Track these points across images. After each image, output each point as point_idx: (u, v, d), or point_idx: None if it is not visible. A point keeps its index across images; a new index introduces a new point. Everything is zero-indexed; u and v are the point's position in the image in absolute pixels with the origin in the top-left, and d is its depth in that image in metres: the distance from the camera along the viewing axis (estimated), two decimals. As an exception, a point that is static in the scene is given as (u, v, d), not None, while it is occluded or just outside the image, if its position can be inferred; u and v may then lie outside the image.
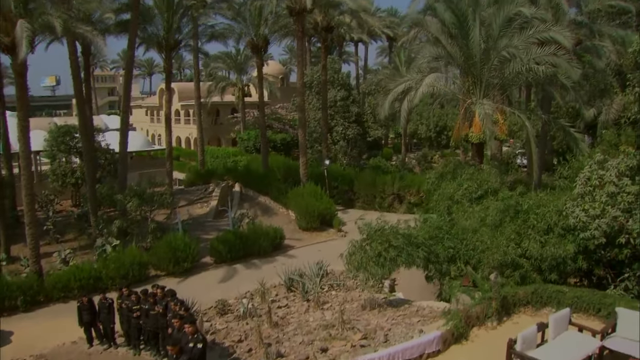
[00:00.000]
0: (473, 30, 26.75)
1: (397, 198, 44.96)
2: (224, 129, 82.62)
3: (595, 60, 35.42)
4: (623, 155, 19.25)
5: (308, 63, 72.41)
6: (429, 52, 29.55)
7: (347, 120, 57.18)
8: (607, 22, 38.82)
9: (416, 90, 27.13)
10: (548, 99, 33.39)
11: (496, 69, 27.35)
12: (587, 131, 42.67)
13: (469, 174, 25.83)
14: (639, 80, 20.91)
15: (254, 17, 46.98)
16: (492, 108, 25.98)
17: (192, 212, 42.87)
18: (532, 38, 26.59)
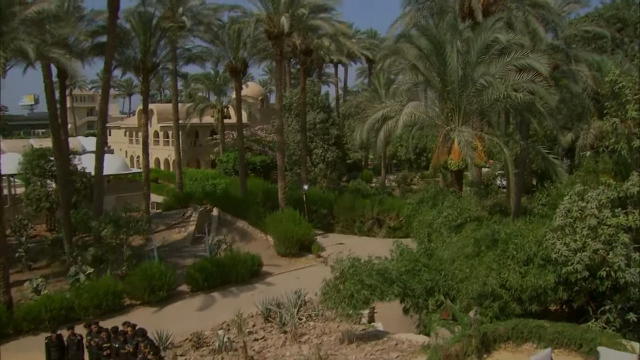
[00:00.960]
0: (450, 57, 26.70)
1: (377, 222, 44.68)
2: (203, 150, 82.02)
3: (572, 85, 35.64)
4: (603, 187, 19.07)
5: (288, 85, 72.19)
6: (407, 78, 29.43)
7: (327, 143, 56.86)
8: (583, 47, 39.23)
9: (397, 121, 26.91)
10: (526, 123, 33.44)
11: (474, 95, 27.24)
12: (566, 154, 42.78)
13: (449, 201, 25.58)
14: (615, 110, 20.84)
15: (232, 40, 46.79)
16: (471, 135, 25.81)
17: (170, 238, 42.20)
18: (510, 65, 26.57)
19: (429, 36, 27.17)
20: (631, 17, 47.91)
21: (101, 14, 40.15)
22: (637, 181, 18.26)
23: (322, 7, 43.36)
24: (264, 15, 41.88)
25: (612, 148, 20.68)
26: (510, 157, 26.74)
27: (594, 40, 42.73)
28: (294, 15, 40.95)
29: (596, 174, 25.55)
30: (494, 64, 26.91)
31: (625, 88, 20.22)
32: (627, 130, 19.80)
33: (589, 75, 36.50)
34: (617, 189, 18.86)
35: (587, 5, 42.20)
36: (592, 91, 37.88)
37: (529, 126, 34.89)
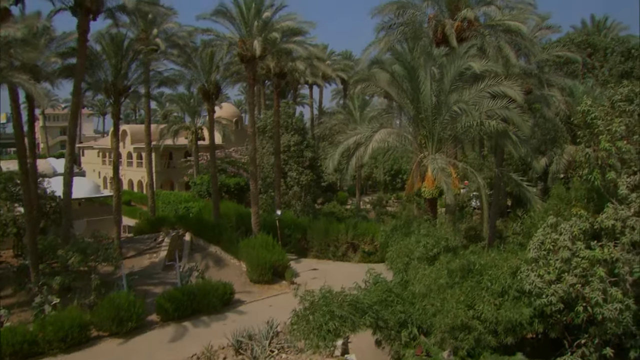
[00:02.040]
0: (424, 84, 26.53)
1: (352, 247, 44.36)
2: (177, 172, 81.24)
3: (545, 110, 35.78)
4: (576, 218, 18.86)
5: (262, 106, 72.00)
6: (380, 104, 29.21)
7: (301, 166, 56.56)
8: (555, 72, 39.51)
9: (366, 147, 26.64)
10: (501, 148, 33.39)
11: (448, 122, 27.07)
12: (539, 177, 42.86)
13: (425, 229, 25.22)
14: (587, 141, 20.71)
15: (205, 63, 46.34)
16: (445, 162, 25.59)
17: (141, 263, 41.33)
18: (484, 92, 26.46)
19: (402, 62, 27.02)
20: (601, 43, 48.51)
21: (72, 35, 39.55)
22: (611, 214, 18.05)
23: (295, 31, 43.19)
24: (237, 38, 41.59)
25: (585, 178, 20.48)
26: (484, 187, 26.54)
27: (565, 64, 43.12)
28: (267, 38, 40.70)
29: (568, 201, 25.38)
30: (468, 91, 26.80)
31: (598, 119, 20.11)
32: (600, 161, 19.65)
33: (561, 100, 36.72)
34: (590, 221, 18.64)
35: (559, 31, 42.49)
36: (565, 116, 38.11)
37: (503, 150, 34.88)
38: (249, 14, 41.57)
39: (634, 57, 46.42)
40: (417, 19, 34.84)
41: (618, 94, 20.47)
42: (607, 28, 63.12)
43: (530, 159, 31.57)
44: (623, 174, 18.77)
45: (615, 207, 18.44)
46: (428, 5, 35.31)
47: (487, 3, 34.53)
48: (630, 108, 19.86)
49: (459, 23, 32.87)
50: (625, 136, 19.26)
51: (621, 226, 17.91)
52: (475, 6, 34.41)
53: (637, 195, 17.97)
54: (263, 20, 41.23)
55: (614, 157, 19.40)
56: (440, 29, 33.11)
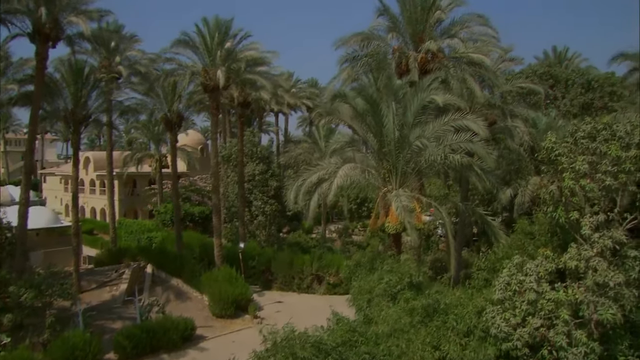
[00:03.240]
0: (387, 118, 26.26)
1: (317, 279, 43.78)
2: (141, 200, 79.79)
3: (509, 141, 35.87)
4: (542, 258, 18.62)
5: (228, 134, 71.32)
6: (343, 135, 28.91)
7: (266, 195, 55.89)
8: (518, 102, 39.79)
9: (330, 184, 26.21)
10: (466, 179, 33.27)
11: (412, 157, 26.81)
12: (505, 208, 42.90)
13: (389, 265, 24.79)
14: (551, 177, 20.58)
15: (167, 92, 45.67)
16: (409, 198, 25.26)
17: (101, 297, 40.12)
18: (448, 126, 26.31)
19: (365, 96, 26.76)
20: (562, 74, 49.24)
21: (30, 62, 38.69)
22: (574, 254, 17.85)
23: (259, 61, 42.98)
24: (200, 68, 41.12)
25: (549, 215, 20.32)
26: (450, 222, 26.28)
27: (528, 95, 43.55)
28: (230, 68, 40.31)
29: (532, 236, 25.25)
30: (432, 125, 26.65)
31: (562, 155, 20.01)
32: (565, 198, 19.51)
33: (525, 131, 36.93)
34: (555, 261, 18.41)
35: (521, 62, 43.13)
36: (529, 147, 38.31)
37: (468, 181, 34.81)
38: (213, 44, 41.26)
39: (594, 89, 47.19)
40: (381, 50, 34.73)
41: (581, 130, 20.41)
42: (568, 59, 64.37)
43: (496, 191, 31.50)
44: (586, 214, 18.60)
45: (578, 247, 18.24)
46: (393, 37, 35.28)
47: (450, 36, 34.64)
48: (593, 145, 19.80)
49: (423, 55, 32.85)
50: (589, 174, 19.15)
51: (584, 267, 17.70)
52: (439, 38, 34.48)
53: (600, 235, 17.78)
54: (226, 50, 40.95)
55: (577, 195, 19.28)
56: (404, 61, 33.06)
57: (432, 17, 34.47)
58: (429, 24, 34.50)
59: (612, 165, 19.16)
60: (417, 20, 34.43)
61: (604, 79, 48.38)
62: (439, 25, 35.45)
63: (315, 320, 22.11)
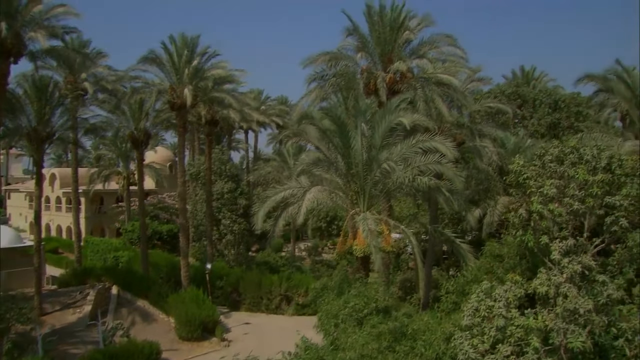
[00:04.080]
0: (354, 140, 26.00)
1: (285, 299, 43.27)
2: (109, 218, 78.36)
3: (477, 161, 35.87)
4: (511, 284, 18.42)
5: (196, 151, 70.62)
6: (310, 157, 28.58)
7: (235, 214, 55.24)
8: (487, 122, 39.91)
9: (299, 208, 25.82)
10: (435, 200, 33.12)
11: (380, 179, 26.55)
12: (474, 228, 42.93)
13: (355, 289, 24.42)
14: (519, 200, 20.50)
15: (134, 110, 44.97)
16: (377, 221, 24.99)
17: (64, 319, 39.02)
18: (415, 147, 26.15)
19: (332, 117, 26.49)
20: (530, 94, 49.68)
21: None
22: (544, 280, 17.68)
23: (227, 79, 42.60)
24: (166, 86, 40.58)
25: (518, 239, 20.23)
26: (418, 247, 26.08)
27: (497, 114, 43.77)
28: (198, 86, 39.85)
29: (501, 258, 25.16)
30: (400, 146, 26.46)
31: (530, 179, 19.97)
32: (533, 222, 19.43)
33: (493, 151, 37.00)
34: (524, 286, 18.23)
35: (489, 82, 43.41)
36: (497, 166, 38.38)
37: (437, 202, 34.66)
38: (180, 61, 40.80)
39: (560, 109, 47.64)
40: (350, 70, 34.56)
41: (549, 154, 20.42)
42: (535, 79, 65.15)
43: (465, 213, 31.40)
44: (555, 238, 18.52)
45: (548, 273, 18.10)
46: (362, 56, 35.16)
47: (419, 56, 34.63)
48: (561, 169, 19.80)
49: (391, 75, 32.72)
50: (557, 198, 19.11)
51: (554, 293, 17.54)
52: (408, 59, 34.42)
53: (570, 260, 17.66)
54: (194, 68, 40.48)
55: (546, 219, 19.22)
56: (372, 81, 32.88)
57: (401, 37, 34.40)
58: (397, 44, 34.40)
59: (579, 189, 19.21)
60: (385, 40, 34.32)
61: (570, 99, 48.94)
62: (407, 46, 35.40)
63: (283, 343, 21.72)
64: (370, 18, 34.99)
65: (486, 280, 20.17)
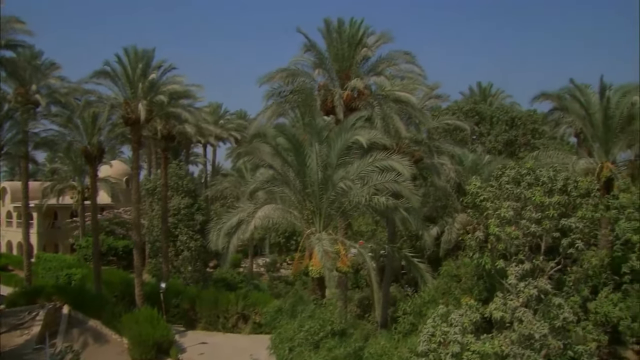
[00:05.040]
0: (310, 158, 25.60)
1: (242, 317, 42.44)
2: (63, 233, 76.46)
3: (435, 179, 35.85)
4: (466, 308, 18.22)
5: (154, 165, 69.45)
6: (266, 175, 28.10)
7: (192, 230, 54.31)
8: (445, 139, 40.03)
9: (247, 224, 25.30)
10: (392, 220, 32.89)
11: (336, 198, 26.17)
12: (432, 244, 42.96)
13: (309, 311, 23.96)
14: (476, 223, 20.39)
15: (87, 124, 43.85)
16: (332, 241, 24.60)
17: (11, 342, 37.58)
18: (372, 166, 25.88)
19: (287, 135, 26.06)
20: (487, 111, 50.21)
21: None
22: (500, 305, 17.51)
23: (183, 94, 41.94)
24: (121, 100, 39.70)
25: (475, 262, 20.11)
26: (373, 269, 25.74)
27: (455, 131, 44.03)
28: (153, 101, 39.08)
29: (458, 279, 25.03)
30: (356, 165, 26.17)
31: (487, 200, 19.88)
32: (490, 245, 19.34)
33: (451, 168, 37.06)
34: (479, 310, 18.04)
35: (447, 99, 43.79)
36: (455, 184, 38.44)
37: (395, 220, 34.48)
38: (135, 75, 39.96)
39: (517, 126, 48.27)
40: (307, 86, 34.19)
41: (505, 175, 20.40)
42: (492, 95, 65.88)
43: (421, 233, 31.26)
44: (512, 262, 18.43)
45: (504, 297, 17.97)
46: (319, 73, 34.83)
47: (377, 73, 34.47)
48: (517, 191, 19.78)
49: (348, 93, 32.42)
50: (514, 221, 19.07)
51: (510, 317, 17.39)
52: (365, 76, 34.22)
53: (526, 284, 17.56)
54: (149, 82, 39.72)
55: (503, 242, 19.15)
56: (329, 98, 32.57)
57: (359, 54, 34.19)
58: (355, 61, 34.17)
59: (536, 212, 19.21)
60: (343, 57, 34.06)
61: (527, 116, 49.64)
62: (365, 62, 35.17)
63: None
64: (328, 34, 34.71)
65: (443, 303, 20.03)
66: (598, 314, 27.15)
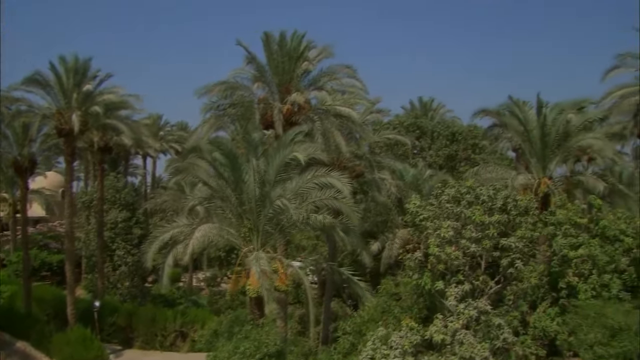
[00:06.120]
0: (247, 175, 24.98)
1: (181, 335, 41.35)
2: (-7, 248, 73.37)
3: (376, 194, 35.74)
4: (406, 330, 17.91)
5: (91, 177, 67.40)
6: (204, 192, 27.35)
7: (130, 244, 52.71)
8: (386, 153, 40.04)
9: (185, 246, 24.48)
10: (332, 236, 32.54)
11: (274, 216, 25.61)
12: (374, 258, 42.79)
13: (246, 331, 23.29)
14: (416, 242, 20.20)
15: (17, 135, 42.02)
16: (270, 259, 24.04)
17: None
18: (311, 183, 25.47)
19: (224, 150, 25.38)
20: (428, 125, 50.62)
21: None
22: (440, 327, 17.27)
23: (120, 105, 40.78)
24: (53, 110, 38.23)
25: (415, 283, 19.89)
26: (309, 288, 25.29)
27: (396, 145, 44.14)
28: (88, 112, 37.83)
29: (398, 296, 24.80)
30: (294, 182, 25.72)
31: (427, 220, 19.72)
32: (430, 265, 19.13)
33: (392, 183, 37.00)
34: (420, 332, 17.77)
35: (388, 114, 44.07)
36: (396, 199, 38.37)
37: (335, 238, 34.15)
38: (69, 84, 38.58)
39: (458, 141, 48.77)
40: (246, 100, 33.58)
41: (445, 194, 20.30)
42: (433, 109, 66.46)
43: (359, 251, 31.01)
44: (452, 283, 18.26)
45: (444, 319, 17.76)
46: (258, 87, 34.27)
47: (318, 87, 34.21)
48: (457, 210, 19.69)
49: (288, 107, 31.93)
50: (454, 241, 18.94)
51: (451, 339, 17.16)
52: (306, 90, 33.87)
53: (465, 306, 17.37)
54: (84, 92, 38.45)
55: (443, 262, 18.99)
56: (269, 112, 32.02)
57: (300, 68, 33.81)
58: (296, 75, 33.73)
59: (476, 231, 19.14)
60: (284, 70, 33.58)
61: (467, 131, 50.20)
62: (306, 76, 34.85)
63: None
64: (269, 47, 34.17)
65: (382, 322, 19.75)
66: (536, 329, 27.42)
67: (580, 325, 23.87)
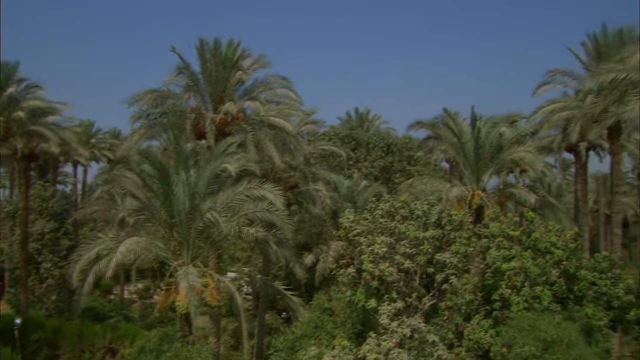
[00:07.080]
0: (177, 187, 24.23)
1: (110, 352, 39.90)
2: None
3: (310, 206, 35.53)
4: (339, 349, 17.58)
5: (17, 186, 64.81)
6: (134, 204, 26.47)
7: (57, 256, 50.74)
8: (321, 164, 39.88)
9: (109, 261, 23.52)
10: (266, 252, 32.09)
11: (205, 229, 24.96)
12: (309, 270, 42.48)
13: (175, 349, 22.54)
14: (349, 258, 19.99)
15: None
16: (201, 274, 23.38)
17: None
18: (243, 195, 24.97)
19: (153, 162, 24.61)
20: (363, 137, 50.79)
21: None
22: (373, 346, 17.01)
23: (46, 111, 39.33)
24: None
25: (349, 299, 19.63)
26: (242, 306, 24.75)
27: (331, 156, 44.06)
28: (10, 118, 36.31)
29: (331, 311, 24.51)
30: (226, 194, 25.16)
31: (361, 235, 19.51)
32: (364, 281, 18.90)
33: (326, 195, 36.82)
34: (353, 351, 17.47)
35: (323, 125, 44.04)
36: (331, 210, 38.19)
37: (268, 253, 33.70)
38: (-11, 89, 36.98)
39: (393, 152, 49.10)
40: (177, 109, 32.74)
41: (379, 209, 20.18)
42: (369, 121, 66.79)
43: (293, 264, 30.64)
44: (385, 301, 18.08)
45: (378, 337, 17.53)
46: (190, 96, 33.53)
47: (252, 97, 33.71)
48: (392, 225, 19.57)
49: (221, 117, 31.29)
50: (388, 257, 18.80)
51: (384, 359, 16.94)
52: (239, 100, 33.33)
53: (399, 323, 17.17)
54: (7, 97, 36.89)
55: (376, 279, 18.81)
56: (201, 122, 31.30)
57: (234, 77, 33.26)
58: (230, 84, 33.14)
59: (410, 247, 19.05)
60: (217, 80, 32.89)
61: (402, 143, 50.59)
62: (240, 86, 34.37)
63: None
64: (202, 55, 33.46)
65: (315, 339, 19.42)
66: (471, 340, 27.56)
67: (515, 338, 24.06)
